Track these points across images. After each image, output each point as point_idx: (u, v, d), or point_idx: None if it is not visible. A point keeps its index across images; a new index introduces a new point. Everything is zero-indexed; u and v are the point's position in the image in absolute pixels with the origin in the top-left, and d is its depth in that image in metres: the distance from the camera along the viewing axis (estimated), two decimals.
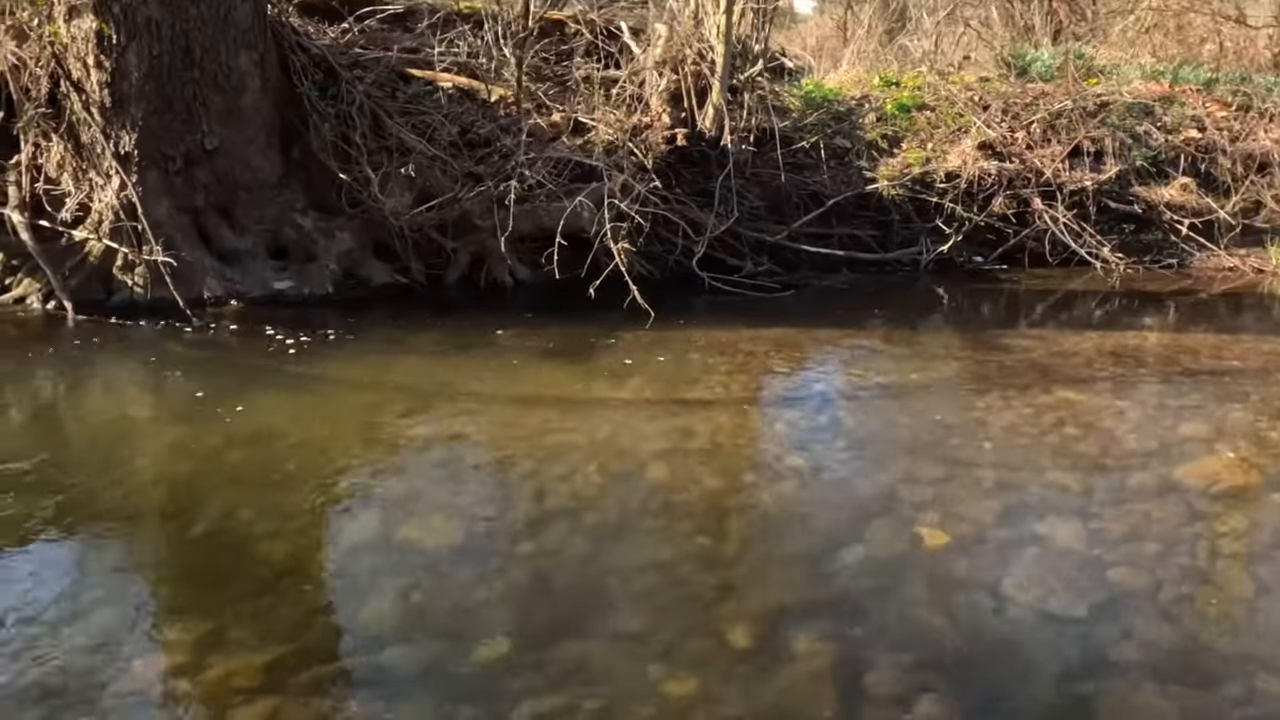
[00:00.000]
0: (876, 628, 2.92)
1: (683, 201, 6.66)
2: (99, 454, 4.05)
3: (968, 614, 2.98)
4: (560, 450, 4.06)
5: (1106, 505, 3.58)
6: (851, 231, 7.39)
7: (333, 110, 6.06)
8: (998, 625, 2.92)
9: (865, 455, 4.16)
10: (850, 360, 5.27)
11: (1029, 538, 3.38)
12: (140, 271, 5.55)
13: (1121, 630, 2.85)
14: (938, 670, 2.73)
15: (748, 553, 3.37)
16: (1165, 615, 2.92)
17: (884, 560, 3.28)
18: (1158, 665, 2.69)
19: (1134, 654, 2.74)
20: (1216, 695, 2.58)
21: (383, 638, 2.83)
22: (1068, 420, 4.38)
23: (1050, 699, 2.59)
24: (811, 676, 2.70)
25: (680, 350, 5.33)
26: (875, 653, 2.79)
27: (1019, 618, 2.95)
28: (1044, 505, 3.60)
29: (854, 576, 3.20)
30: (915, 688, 2.64)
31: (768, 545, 3.41)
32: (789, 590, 3.12)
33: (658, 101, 6.84)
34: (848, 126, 7.80)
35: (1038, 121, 7.57)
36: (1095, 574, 3.14)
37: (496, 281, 6.36)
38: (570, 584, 3.15)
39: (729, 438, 4.23)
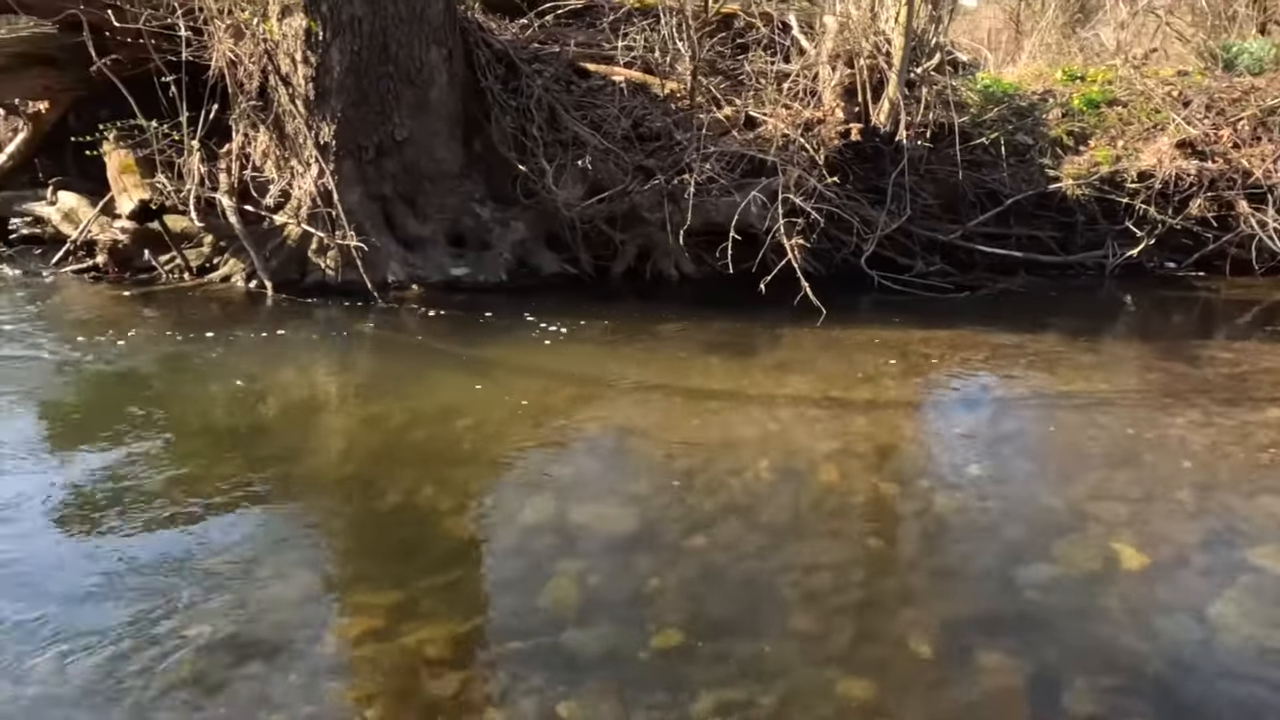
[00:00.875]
0: (1070, 647, 2.77)
1: (854, 198, 6.51)
2: (296, 425, 4.33)
3: (1172, 640, 2.79)
4: (730, 445, 4.05)
5: None
6: (1031, 232, 7.04)
7: (513, 104, 6.25)
8: (1207, 655, 2.72)
9: (1050, 467, 3.96)
10: (1030, 366, 5.02)
11: (1240, 565, 3.14)
12: (333, 255, 5.89)
13: None
14: (1139, 696, 2.57)
15: (926, 560, 3.27)
16: None
17: (1076, 578, 3.11)
18: None
19: None
20: None
21: (562, 619, 2.90)
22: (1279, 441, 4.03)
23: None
24: (1001, 691, 2.59)
25: (850, 349, 5.22)
26: (1070, 672, 2.65)
27: (1231, 648, 2.74)
28: (1256, 532, 3.33)
29: (1043, 593, 3.05)
30: (1115, 712, 2.50)
31: (947, 554, 3.30)
32: (972, 602, 3.00)
33: (831, 96, 6.72)
34: (1030, 122, 7.43)
35: (1247, 119, 7.00)
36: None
37: (662, 274, 6.40)
38: (743, 579, 3.14)
39: (903, 441, 4.12)
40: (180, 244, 6.22)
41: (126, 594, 2.87)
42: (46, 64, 6.87)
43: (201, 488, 3.57)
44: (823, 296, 5.75)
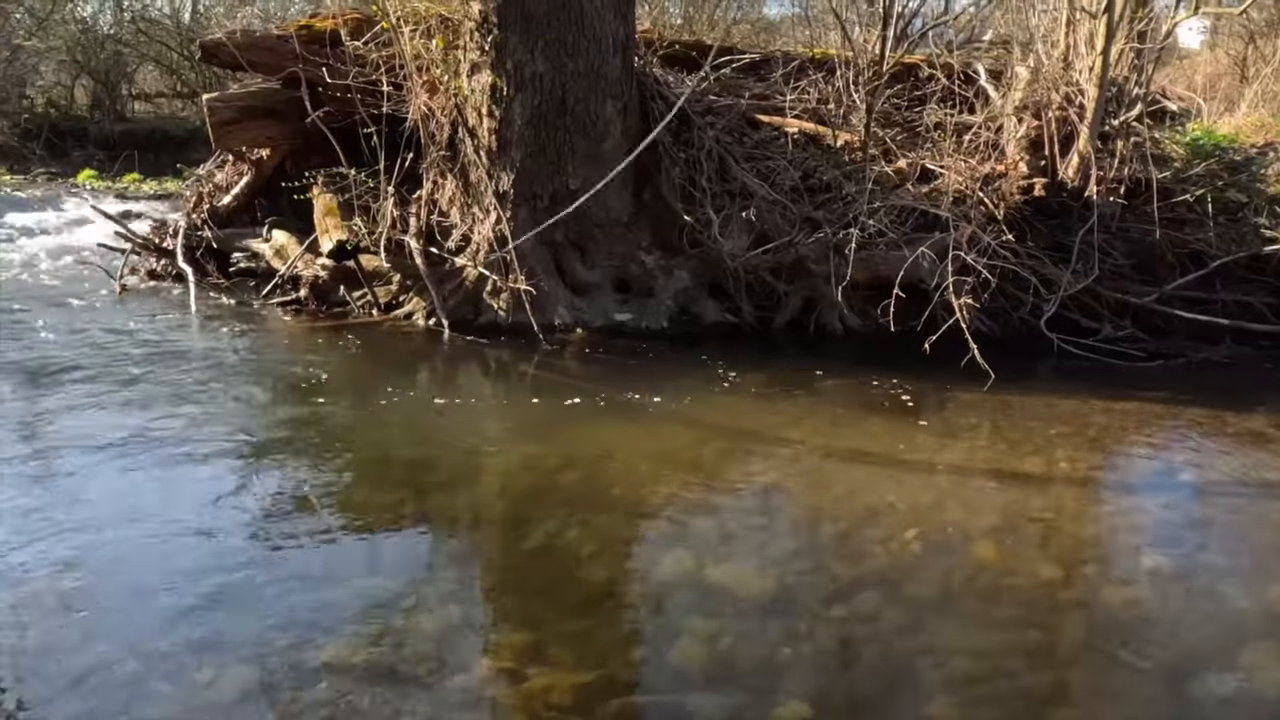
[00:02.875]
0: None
1: (1035, 256, 6.17)
2: (456, 459, 4.51)
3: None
4: (879, 512, 3.90)
5: None
6: (1241, 298, 6.43)
7: (683, 155, 6.36)
8: None
9: (1243, 564, 3.57)
10: (1229, 449, 4.56)
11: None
12: (505, 297, 6.16)
13: None
14: None
15: (1087, 656, 3.01)
16: None
17: (1264, 694, 2.78)
18: None
19: None
20: None
21: (689, 678, 2.86)
22: None
23: None
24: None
25: (1020, 417, 4.93)
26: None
27: None
28: None
29: (1223, 706, 2.74)
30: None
31: (1112, 652, 3.02)
32: (1138, 708, 2.74)
33: (1015, 148, 6.43)
34: (1245, 178, 6.83)
35: None
36: None
37: (825, 328, 6.29)
38: (881, 656, 3.00)
39: (1070, 521, 3.84)
40: (371, 281, 6.68)
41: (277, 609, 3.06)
42: (269, 116, 7.62)
43: (362, 513, 3.79)
44: (996, 359, 5.47)
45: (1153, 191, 6.13)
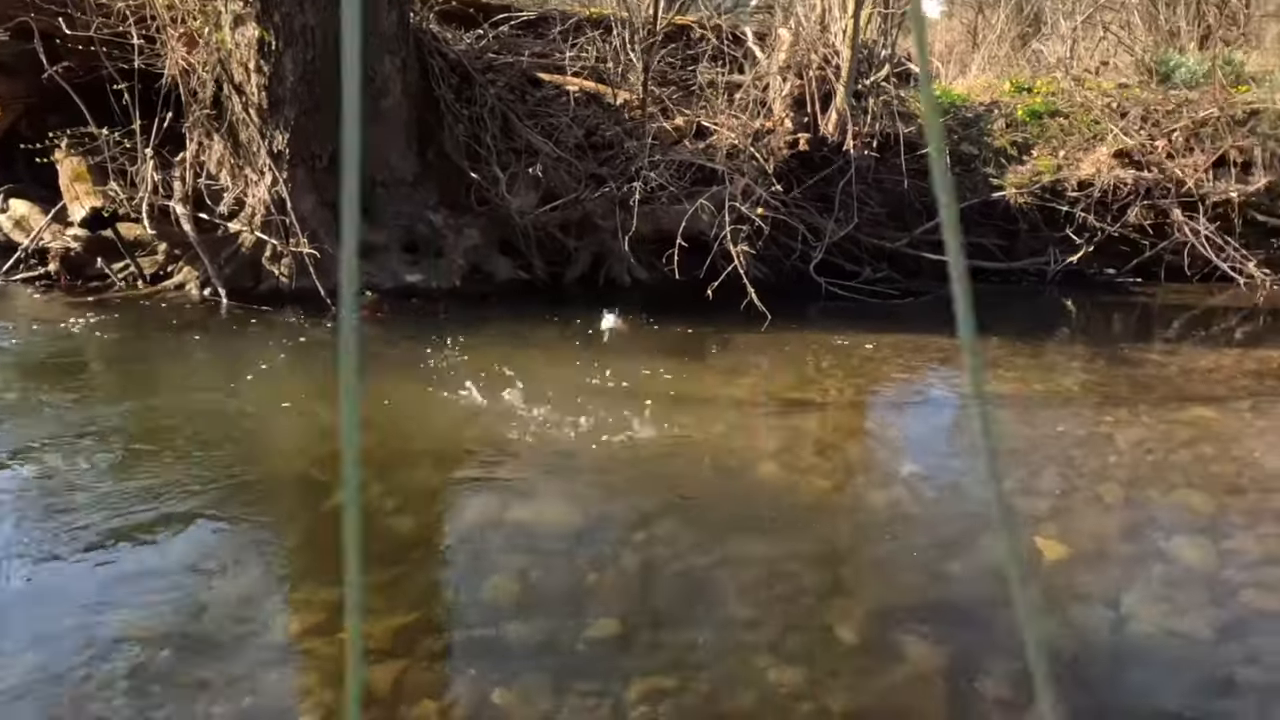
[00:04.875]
0: (990, 635, 2.89)
1: (802, 206, 6.66)
2: (245, 430, 4.36)
3: (1086, 627, 2.92)
4: (673, 445, 4.15)
5: (1239, 527, 3.43)
6: (976, 240, 7.23)
7: (466, 113, 6.33)
8: (1117, 640, 2.85)
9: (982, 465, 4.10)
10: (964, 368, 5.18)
11: (1154, 555, 3.28)
12: (286, 262, 5.92)
13: (1249, 652, 2.74)
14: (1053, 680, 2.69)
15: (858, 554, 3.38)
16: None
17: (998, 569, 3.23)
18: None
19: (1261, 676, 2.64)
20: None
21: (500, 612, 2.98)
22: (1201, 439, 4.21)
23: (1167, 714, 2.52)
24: (921, 677, 2.70)
25: (795, 353, 5.35)
26: (988, 659, 2.76)
27: (1140, 634, 2.87)
28: (1172, 524, 3.48)
29: (967, 583, 3.17)
30: (1029, 695, 2.62)
31: (878, 547, 3.41)
32: (899, 593, 3.12)
33: (780, 106, 6.87)
34: (975, 132, 7.64)
35: (1180, 130, 7.25)
36: (1224, 595, 3.03)
37: (615, 281, 6.50)
38: (681, 572, 3.23)
39: (842, 440, 4.24)
40: (134, 252, 6.22)
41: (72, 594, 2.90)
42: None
43: (152, 492, 3.61)
44: (773, 303, 5.87)
45: (900, 145, 6.74)
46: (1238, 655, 2.74)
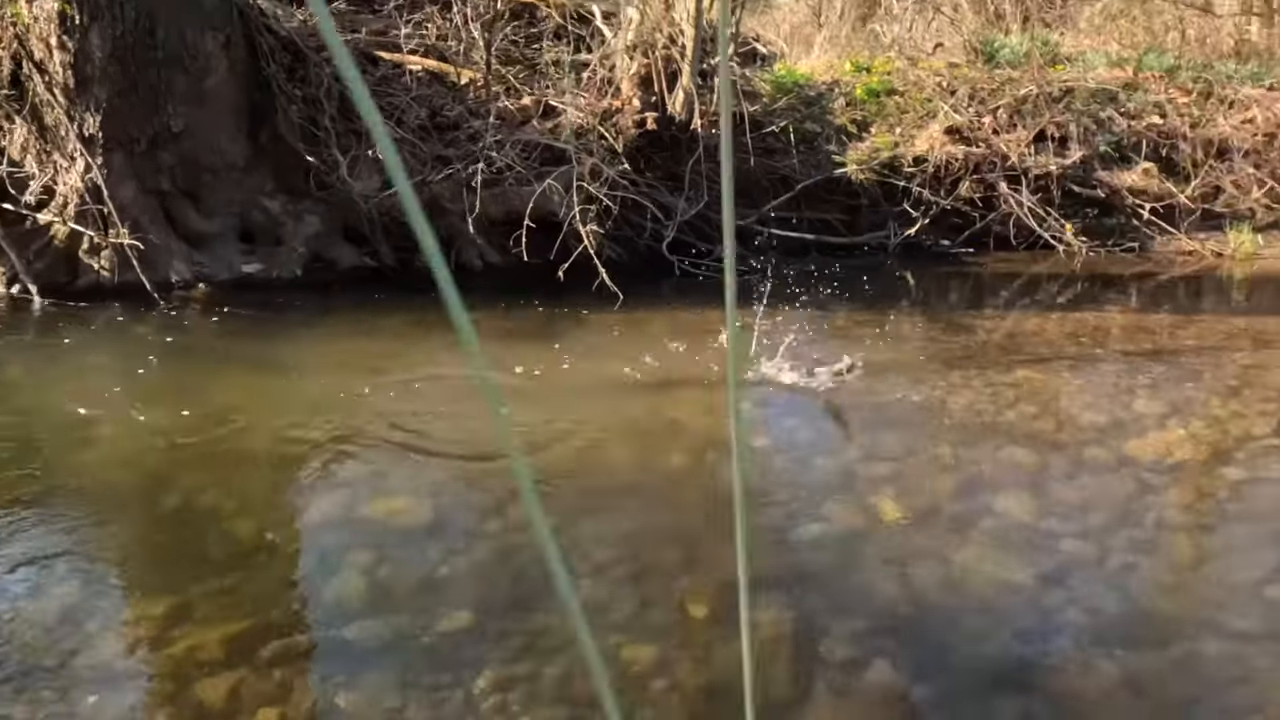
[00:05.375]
0: (833, 598, 2.99)
1: (653, 185, 6.70)
2: (66, 438, 4.05)
3: (921, 583, 3.06)
4: (526, 431, 4.10)
5: (1060, 480, 3.67)
6: (820, 215, 7.46)
7: (300, 93, 6.04)
8: (949, 593, 3.00)
9: (827, 434, 4.23)
10: (815, 341, 5.33)
11: (983, 511, 3.46)
12: (107, 255, 5.52)
13: (1069, 597, 2.93)
14: (890, 636, 2.81)
15: (709, 528, 3.42)
16: (1111, 583, 3.00)
17: (842, 534, 3.35)
18: (1103, 630, 2.78)
19: (1080, 619, 2.82)
20: (1160, 657, 2.67)
21: (347, 611, 2.87)
22: (1026, 398, 4.47)
23: (997, 660, 2.67)
24: (768, 645, 2.77)
25: (647, 332, 5.38)
26: (831, 621, 2.86)
27: (970, 586, 3.03)
28: (999, 480, 3.68)
29: (813, 550, 3.27)
30: (869, 652, 2.72)
31: (729, 521, 3.46)
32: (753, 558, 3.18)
33: (628, 85, 6.86)
34: (817, 111, 7.86)
35: (1004, 107, 7.66)
36: (1046, 545, 3.22)
37: (466, 265, 6.37)
38: (534, 560, 3.19)
39: (693, 417, 4.29)
40: None
41: None
42: None
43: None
44: (625, 282, 5.89)
45: (745, 124, 6.85)
46: (1059, 599, 2.92)
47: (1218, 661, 2.65)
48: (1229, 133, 7.83)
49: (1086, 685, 2.56)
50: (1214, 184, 7.71)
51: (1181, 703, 2.50)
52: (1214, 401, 4.39)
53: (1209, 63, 8.80)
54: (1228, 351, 5.18)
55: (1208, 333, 5.57)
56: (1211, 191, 7.71)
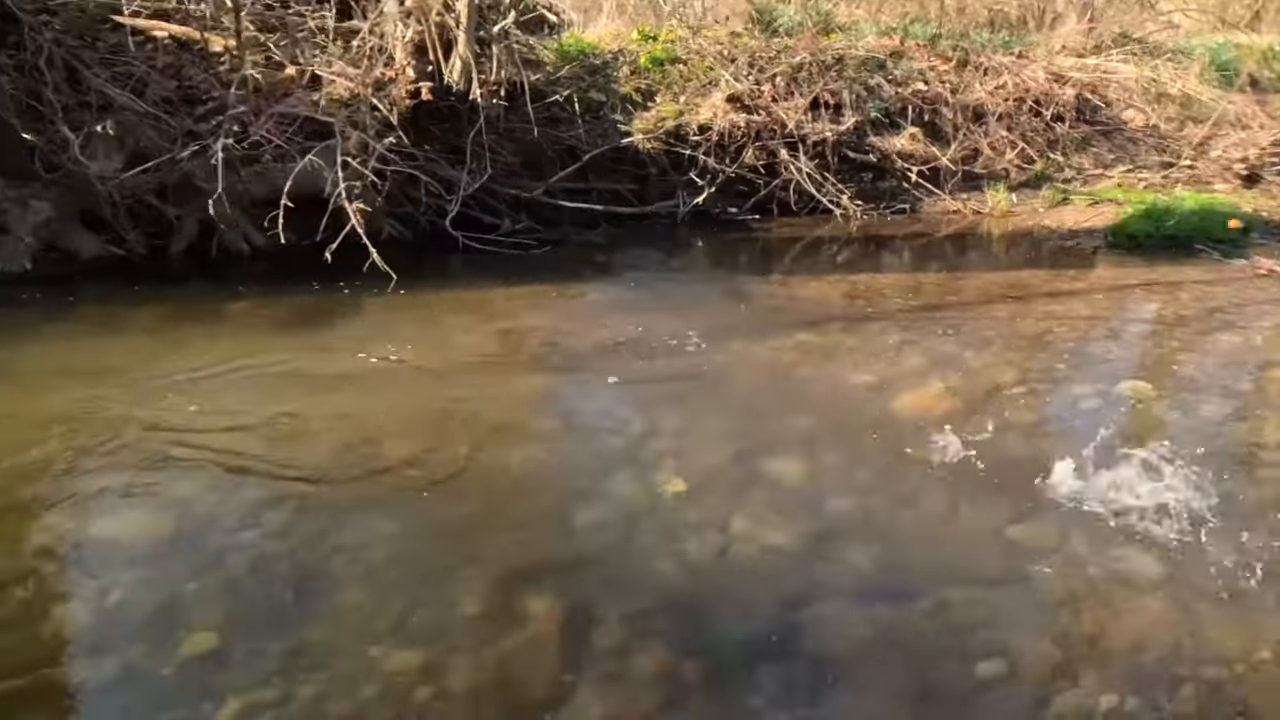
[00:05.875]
0: (609, 581, 2.95)
1: (433, 159, 6.42)
2: None
3: (697, 557, 3.06)
4: (293, 428, 3.83)
5: (830, 441, 3.78)
6: (610, 186, 7.41)
7: (11, 61, 5.34)
8: (723, 564, 3.02)
9: (613, 410, 4.18)
10: (602, 313, 5.28)
11: (759, 477, 3.52)
12: None
13: (835, 557, 3.02)
14: (664, 615, 2.79)
15: (489, 519, 3.30)
16: (872, 540, 3.11)
17: (623, 513, 3.31)
18: (862, 587, 2.88)
19: (841, 579, 2.91)
20: (912, 609, 2.78)
21: (72, 646, 2.58)
22: (803, 362, 4.59)
23: (763, 629, 2.70)
24: (539, 638, 2.69)
25: (428, 313, 5.16)
26: (605, 607, 2.81)
27: (743, 555, 3.06)
28: (775, 445, 3.75)
29: (593, 532, 3.21)
30: (640, 635, 2.69)
31: (510, 510, 3.36)
32: (527, 553, 3.08)
33: (402, 54, 6.52)
34: (602, 80, 7.78)
35: (780, 75, 7.85)
36: (815, 507, 3.31)
37: (230, 249, 5.90)
38: (293, 567, 2.98)
39: (476, 402, 4.13)
40: None
41: None
42: None
43: None
44: (408, 261, 5.63)
45: (527, 93, 6.67)
46: (823, 561, 3.00)
47: (964, 607, 2.79)
48: (984, 98, 8.38)
49: (845, 645, 2.64)
50: (973, 147, 8.23)
51: (931, 651, 2.61)
52: (969, 354, 4.67)
53: (966, 31, 9.37)
54: (984, 305, 5.54)
55: (968, 288, 5.93)
56: (971, 154, 8.23)
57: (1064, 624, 2.73)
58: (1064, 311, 5.34)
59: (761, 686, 2.51)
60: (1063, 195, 7.97)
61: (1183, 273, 6.19)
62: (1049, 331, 5.00)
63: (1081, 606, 2.80)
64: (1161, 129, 8.81)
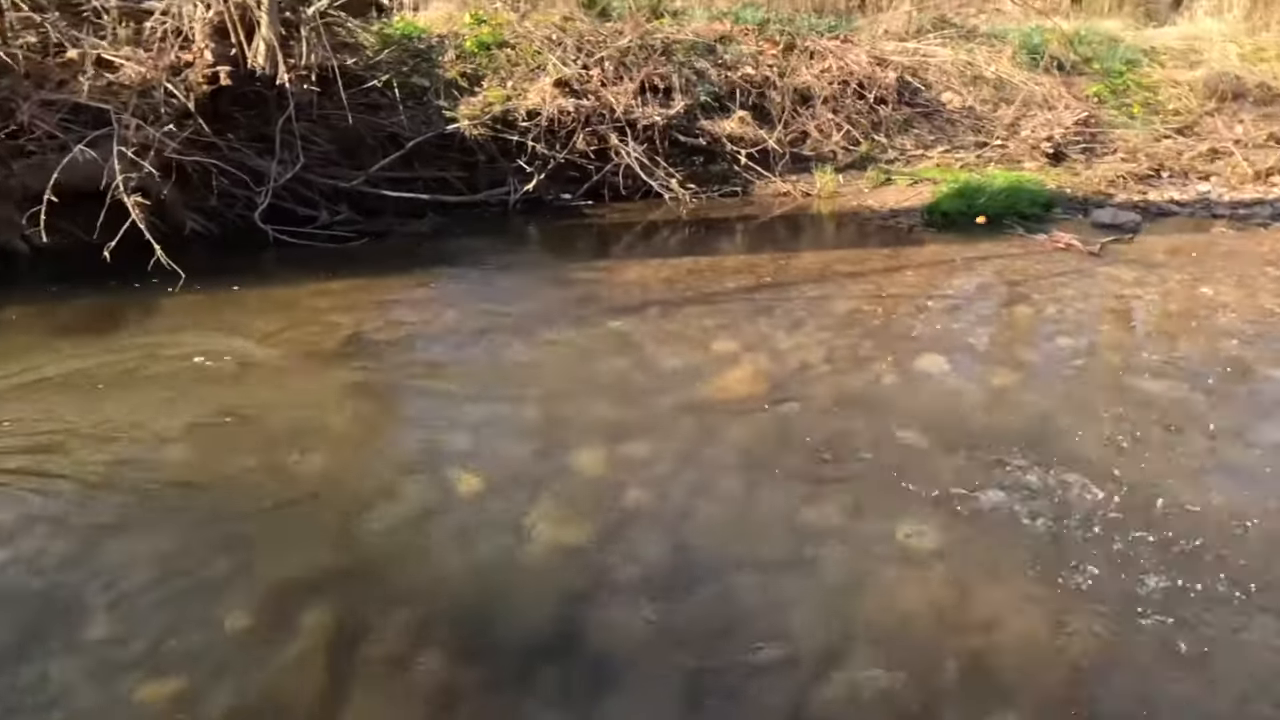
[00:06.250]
0: (392, 588, 2.83)
1: (238, 148, 6.07)
2: None
3: (488, 557, 2.99)
4: (62, 441, 3.55)
5: (636, 430, 3.75)
6: (437, 174, 7.19)
7: None
8: (512, 565, 2.95)
9: (413, 405, 4.05)
10: (416, 307, 5.12)
11: (560, 470, 3.47)
12: None
13: (622, 551, 2.99)
14: (446, 621, 2.70)
15: (270, 530, 3.13)
16: (664, 531, 3.11)
17: (415, 516, 3.20)
18: (648, 580, 2.86)
19: (629, 572, 2.89)
20: (696, 600, 2.78)
21: None
22: (618, 349, 4.56)
23: (545, 630, 2.65)
24: (309, 654, 2.56)
25: (230, 313, 4.87)
26: (385, 616, 2.70)
27: (534, 554, 3.00)
28: (581, 436, 3.70)
29: (381, 538, 3.09)
30: (418, 644, 2.59)
31: (293, 519, 3.19)
32: (306, 564, 2.94)
33: (200, 36, 6.12)
34: (425, 64, 7.54)
35: (609, 59, 7.79)
36: (612, 499, 3.27)
37: (9, 250, 5.42)
38: (39, 596, 2.74)
39: (270, 405, 3.93)
40: None
41: None
42: None
43: None
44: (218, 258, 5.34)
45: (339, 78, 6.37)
46: (612, 555, 2.97)
47: (749, 593, 2.82)
48: (811, 81, 8.55)
49: (626, 641, 2.62)
50: (801, 129, 8.40)
51: (712, 641, 2.62)
52: (780, 335, 4.74)
53: (793, 16, 9.55)
54: (802, 285, 5.64)
55: (789, 269, 6.04)
56: (799, 136, 8.39)
57: (843, 604, 2.78)
58: (875, 290, 5.49)
59: (538, 690, 2.46)
60: (886, 176, 8.23)
61: (989, 248, 6.49)
62: (859, 310, 5.14)
63: (862, 585, 2.87)
64: (977, 110, 9.21)
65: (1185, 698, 2.45)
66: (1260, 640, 2.64)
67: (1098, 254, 6.32)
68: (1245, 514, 3.21)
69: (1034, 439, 3.68)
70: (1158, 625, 2.68)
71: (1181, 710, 2.42)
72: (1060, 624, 2.69)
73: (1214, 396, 4.10)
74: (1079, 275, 5.83)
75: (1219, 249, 6.60)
